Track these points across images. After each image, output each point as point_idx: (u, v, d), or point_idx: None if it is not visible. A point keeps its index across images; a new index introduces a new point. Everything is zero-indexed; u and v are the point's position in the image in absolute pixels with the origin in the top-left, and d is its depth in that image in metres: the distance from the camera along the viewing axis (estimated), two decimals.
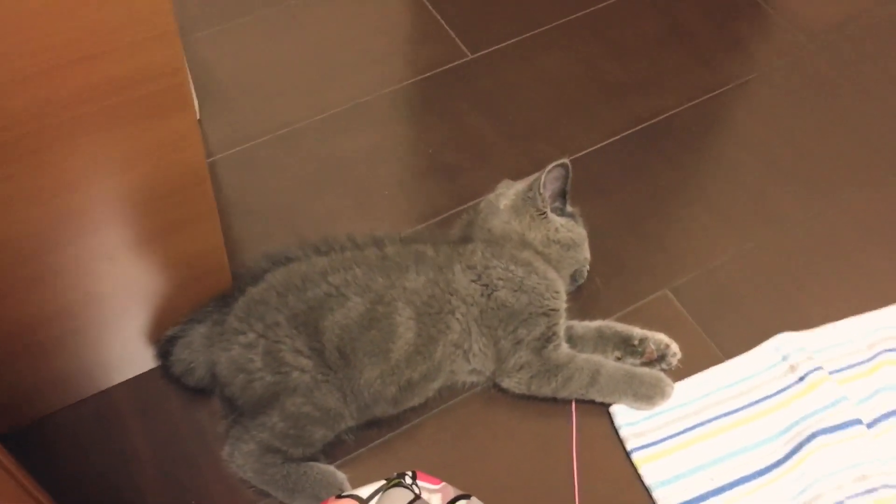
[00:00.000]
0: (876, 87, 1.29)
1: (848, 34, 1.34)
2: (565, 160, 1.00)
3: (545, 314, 0.96)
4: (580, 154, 1.21)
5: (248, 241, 1.08)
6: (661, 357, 1.01)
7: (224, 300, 0.94)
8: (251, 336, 0.90)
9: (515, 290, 0.96)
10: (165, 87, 0.60)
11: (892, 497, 0.91)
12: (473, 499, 0.80)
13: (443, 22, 1.36)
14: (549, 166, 1.00)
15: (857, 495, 0.91)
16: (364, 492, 0.78)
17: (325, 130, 1.23)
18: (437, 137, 1.23)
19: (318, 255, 0.96)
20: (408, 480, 0.78)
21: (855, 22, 1.35)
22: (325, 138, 1.22)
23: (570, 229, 1.02)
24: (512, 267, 0.97)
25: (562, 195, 1.02)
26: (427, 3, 1.38)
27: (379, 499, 0.76)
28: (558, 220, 1.01)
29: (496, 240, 1.00)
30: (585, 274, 1.05)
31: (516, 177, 1.09)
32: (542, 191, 1.00)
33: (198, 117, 0.96)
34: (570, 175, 1.01)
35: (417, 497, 0.76)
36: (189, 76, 0.71)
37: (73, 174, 0.66)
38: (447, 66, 1.31)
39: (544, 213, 1.00)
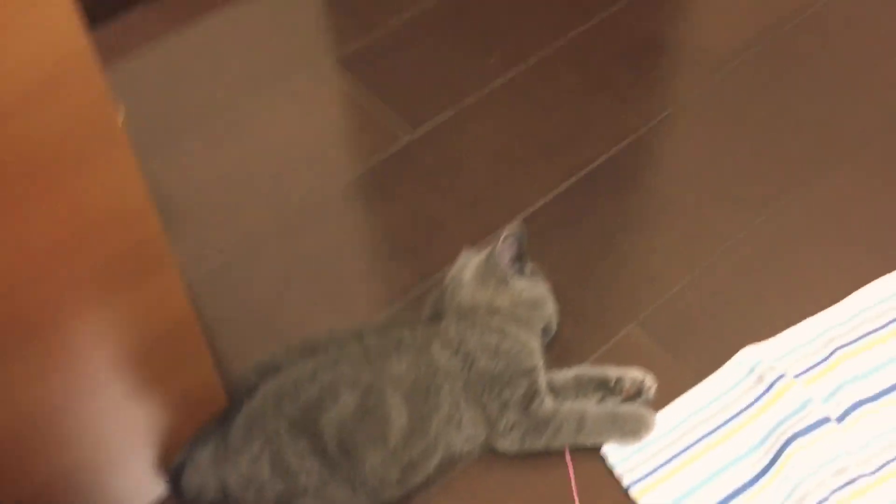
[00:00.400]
0: (781, 102, 1.39)
1: (747, 59, 1.45)
2: (517, 226, 1.07)
3: (525, 374, 1.02)
4: (528, 212, 1.28)
5: (235, 354, 1.12)
6: (639, 392, 1.07)
7: (224, 416, 0.99)
8: (255, 449, 0.95)
9: (493, 357, 1.02)
10: (147, 254, 0.65)
11: (869, 484, 0.98)
12: None
13: (381, 103, 1.44)
14: (503, 234, 1.07)
15: (839, 488, 0.99)
16: None
17: (286, 231, 1.29)
18: (393, 220, 1.30)
19: (304, 358, 1.01)
20: None
21: (752, 47, 1.46)
22: (288, 239, 1.28)
23: (533, 288, 1.09)
24: (486, 335, 1.03)
25: (519, 258, 1.09)
26: (364, 88, 1.46)
27: None
28: (521, 283, 1.08)
29: (466, 312, 1.07)
30: (555, 326, 1.12)
31: (474, 244, 1.16)
32: (500, 259, 1.07)
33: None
34: (524, 238, 1.08)
35: None
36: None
37: (69, 351, 0.71)
38: (392, 150, 1.38)
39: (506, 279, 1.07)
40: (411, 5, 1.58)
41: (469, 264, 1.10)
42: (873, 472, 1.00)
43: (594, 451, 1.05)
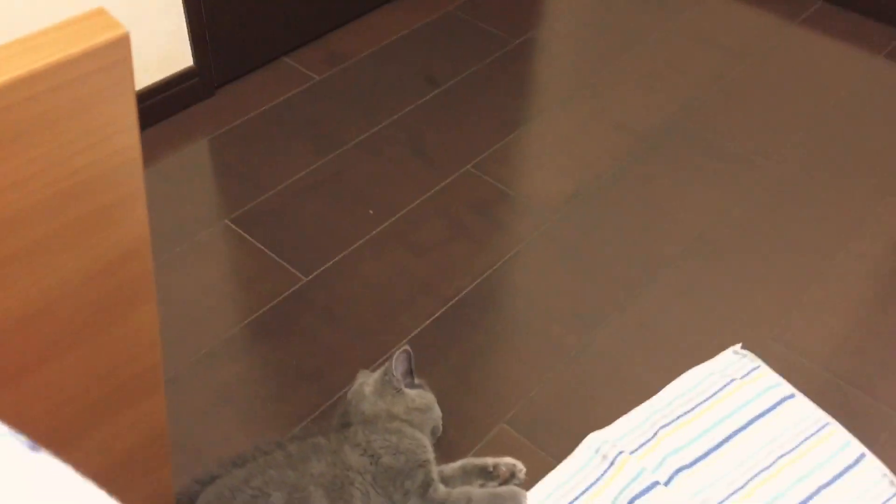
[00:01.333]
0: (603, 237, 1.75)
1: (576, 204, 1.82)
2: (407, 347, 1.33)
3: (420, 465, 1.26)
4: (411, 336, 1.55)
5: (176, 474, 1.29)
6: (512, 475, 1.33)
7: None
8: None
9: (394, 454, 1.25)
10: (150, 377, 0.84)
11: None
12: None
13: (274, 256, 1.68)
14: (395, 354, 1.32)
15: None
16: None
17: (201, 368, 1.48)
18: (297, 350, 1.52)
19: (236, 468, 1.20)
20: None
21: (578, 195, 1.84)
22: (206, 375, 1.48)
23: (423, 397, 1.34)
24: (387, 436, 1.26)
25: (409, 373, 1.35)
26: (259, 245, 1.70)
27: None
28: (412, 393, 1.33)
29: (369, 419, 1.30)
30: (441, 427, 1.37)
31: (368, 366, 1.40)
32: (394, 374, 1.32)
33: None
34: (412, 357, 1.34)
35: None
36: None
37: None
38: (287, 293, 1.62)
39: (400, 390, 1.32)
40: (292, 172, 1.86)
41: (368, 381, 1.35)
42: None
43: None
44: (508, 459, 1.33)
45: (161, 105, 1.93)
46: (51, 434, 0.73)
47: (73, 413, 0.72)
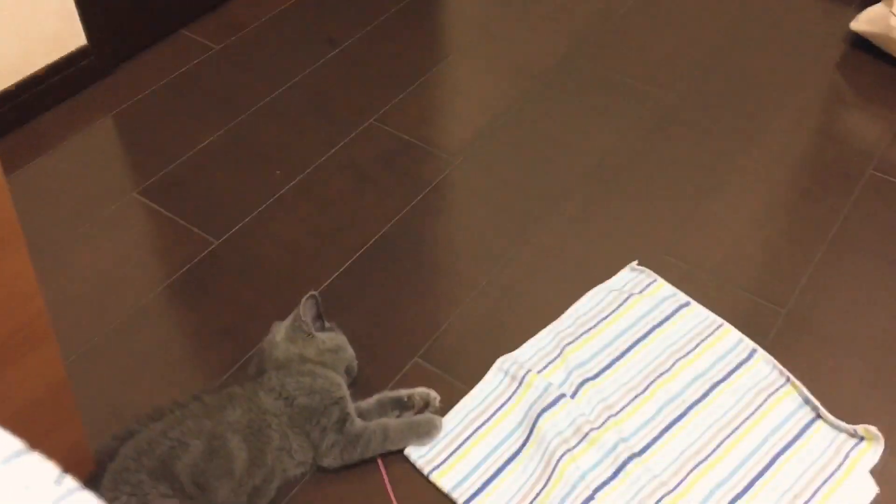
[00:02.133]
0: (503, 176, 1.81)
1: (477, 147, 1.87)
2: (314, 293, 1.38)
3: (335, 402, 1.31)
4: (324, 285, 1.59)
5: (92, 433, 1.32)
6: (427, 404, 1.39)
7: (91, 478, 1.19)
8: (123, 498, 1.16)
9: (309, 394, 1.30)
10: (36, 328, 0.86)
11: (597, 434, 1.34)
12: None
13: (184, 223, 1.71)
14: (303, 300, 1.37)
15: (577, 444, 1.33)
16: None
17: (122, 337, 1.51)
18: (214, 310, 1.56)
19: (154, 422, 1.24)
20: None
21: (479, 138, 1.89)
22: (124, 343, 1.50)
23: (333, 339, 1.39)
24: (300, 378, 1.31)
25: (319, 317, 1.39)
26: (169, 213, 1.72)
27: None
28: (322, 335, 1.38)
29: (283, 364, 1.34)
30: (356, 367, 1.42)
31: (282, 318, 1.44)
32: (303, 319, 1.36)
33: None
34: (320, 301, 1.38)
35: None
36: None
37: None
38: (200, 257, 1.65)
39: (310, 333, 1.36)
40: (197, 141, 1.88)
41: (280, 329, 1.39)
42: (599, 427, 1.36)
43: (400, 454, 1.34)
44: (422, 389, 1.39)
45: (58, 86, 1.93)
46: None
47: None
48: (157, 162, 1.84)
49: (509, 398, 1.41)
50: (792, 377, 1.41)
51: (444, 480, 1.31)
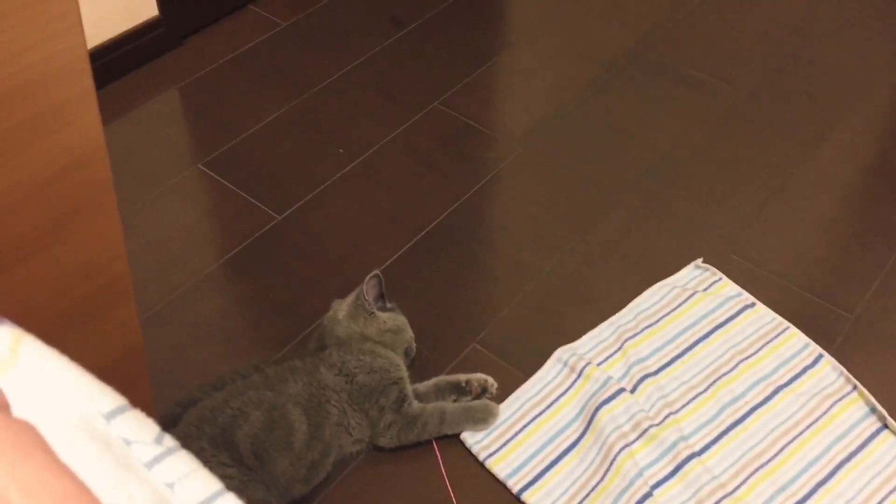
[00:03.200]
0: (566, 165, 1.79)
1: (542, 134, 1.85)
2: (377, 272, 1.37)
3: (394, 383, 1.31)
4: (383, 266, 1.59)
5: (156, 398, 1.34)
6: (484, 390, 1.38)
7: None
8: None
9: (369, 372, 1.30)
10: (119, 287, 0.88)
11: (657, 431, 1.32)
12: None
13: (247, 197, 1.72)
14: (366, 279, 1.37)
15: (635, 439, 1.32)
16: None
17: (183, 305, 1.53)
18: (273, 284, 1.57)
19: (216, 391, 1.25)
20: None
21: (544, 125, 1.87)
22: (186, 311, 1.52)
23: (394, 319, 1.39)
24: (361, 357, 1.31)
25: (381, 297, 1.39)
26: (232, 187, 1.74)
27: None
28: (384, 315, 1.38)
29: (344, 342, 1.34)
30: (414, 348, 1.42)
31: (342, 296, 1.44)
32: (366, 297, 1.36)
33: None
34: (383, 281, 1.38)
35: None
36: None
37: None
38: (261, 231, 1.66)
39: (372, 313, 1.36)
40: (262, 116, 1.89)
41: (341, 307, 1.39)
42: (658, 424, 1.34)
43: (455, 438, 1.34)
44: (480, 375, 1.39)
45: (128, 56, 1.95)
46: None
47: (42, 322, 0.76)
48: (222, 135, 1.85)
49: (567, 389, 1.40)
50: (859, 385, 1.38)
51: (499, 467, 1.30)
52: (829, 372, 1.41)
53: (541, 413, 1.37)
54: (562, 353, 1.44)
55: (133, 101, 1.92)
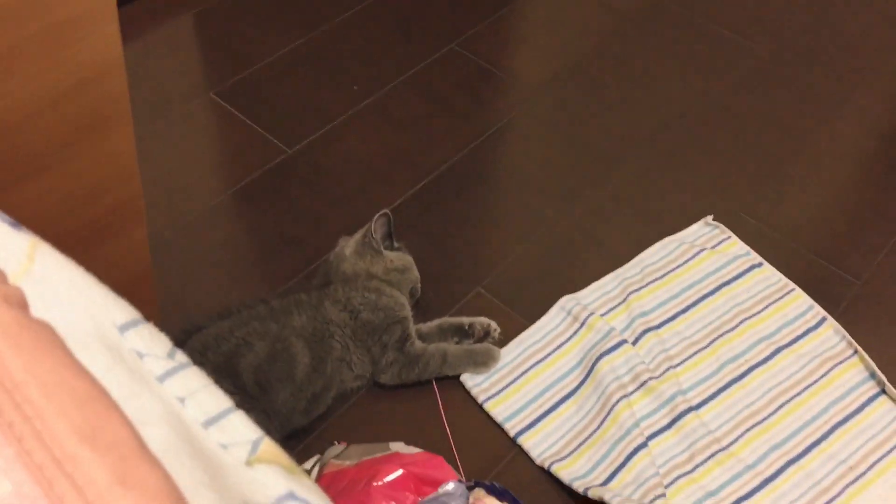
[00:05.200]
0: (583, 116, 1.77)
1: (558, 82, 1.83)
2: (386, 211, 1.37)
3: (398, 322, 1.31)
4: (392, 206, 1.58)
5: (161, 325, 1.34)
6: (487, 334, 1.38)
7: None
8: None
9: (373, 311, 1.30)
10: (132, 207, 0.87)
11: (656, 383, 1.33)
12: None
13: (258, 129, 1.71)
14: (375, 217, 1.36)
15: (634, 390, 1.33)
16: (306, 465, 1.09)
17: (190, 233, 1.53)
18: (282, 218, 1.56)
19: (221, 319, 1.26)
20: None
21: (561, 73, 1.85)
22: (193, 239, 1.52)
23: (401, 258, 1.38)
24: (366, 294, 1.31)
25: (389, 235, 1.39)
26: (244, 118, 1.72)
27: (318, 461, 1.07)
28: (391, 254, 1.37)
29: (349, 278, 1.35)
30: (419, 289, 1.42)
31: (350, 233, 1.44)
32: (374, 235, 1.36)
33: None
34: (392, 220, 1.38)
35: (348, 445, 1.08)
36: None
37: None
38: (271, 164, 1.65)
39: (379, 251, 1.36)
40: (277, 48, 1.86)
41: (349, 243, 1.39)
42: (658, 377, 1.35)
43: (455, 380, 1.35)
44: (483, 319, 1.39)
45: None
46: None
47: (52, 240, 0.75)
48: (236, 65, 1.83)
49: (570, 338, 1.40)
50: (860, 349, 1.38)
51: (497, 410, 1.31)
52: (832, 335, 1.41)
53: (541, 360, 1.38)
54: (566, 301, 1.44)
55: (145, 27, 1.89)
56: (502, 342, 1.39)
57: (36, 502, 0.29)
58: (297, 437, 1.27)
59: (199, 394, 0.48)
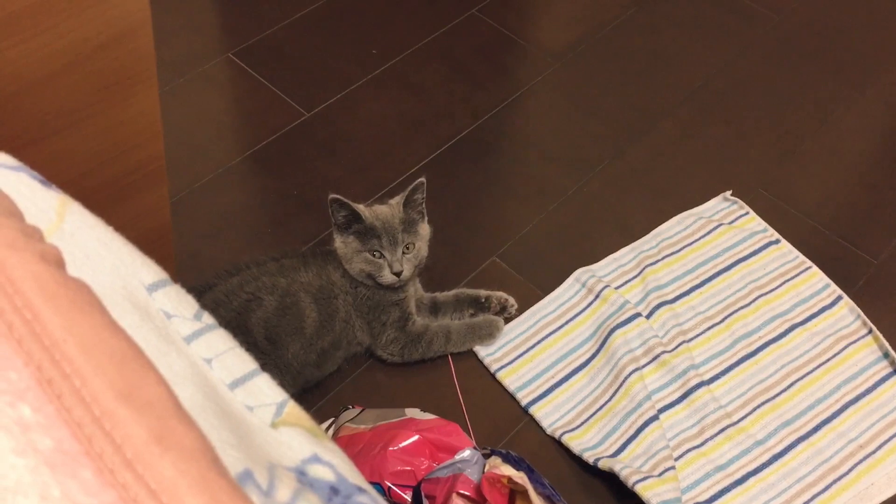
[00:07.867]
0: (604, 85, 1.76)
1: (580, 52, 1.81)
2: (422, 179, 1.34)
3: (395, 304, 1.30)
4: (407, 174, 1.58)
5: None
6: (503, 308, 1.38)
7: None
8: None
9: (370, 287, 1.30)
10: (154, 166, 0.87)
11: (668, 357, 1.33)
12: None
13: (277, 91, 1.70)
14: (413, 184, 1.31)
15: (647, 363, 1.33)
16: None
17: (207, 194, 1.53)
18: (298, 181, 1.56)
19: (231, 276, 1.26)
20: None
21: (582, 43, 1.83)
22: (209, 200, 1.52)
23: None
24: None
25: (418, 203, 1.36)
26: (262, 79, 1.71)
27: (333, 423, 1.08)
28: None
29: None
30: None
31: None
32: (418, 200, 1.31)
33: None
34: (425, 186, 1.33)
35: (363, 409, 1.08)
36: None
37: None
38: (288, 128, 1.64)
39: (423, 215, 1.33)
40: (296, 9, 1.85)
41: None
42: (671, 351, 1.35)
43: (469, 351, 1.35)
44: (501, 294, 1.38)
45: None
46: None
47: (80, 195, 0.76)
48: (255, 25, 1.81)
49: (584, 309, 1.40)
50: (875, 329, 1.38)
51: (509, 380, 1.32)
52: (847, 314, 1.41)
53: (555, 331, 1.38)
54: (581, 273, 1.44)
55: None
56: (517, 314, 1.39)
57: (76, 459, 0.30)
58: (311, 401, 1.28)
59: (226, 356, 0.48)
